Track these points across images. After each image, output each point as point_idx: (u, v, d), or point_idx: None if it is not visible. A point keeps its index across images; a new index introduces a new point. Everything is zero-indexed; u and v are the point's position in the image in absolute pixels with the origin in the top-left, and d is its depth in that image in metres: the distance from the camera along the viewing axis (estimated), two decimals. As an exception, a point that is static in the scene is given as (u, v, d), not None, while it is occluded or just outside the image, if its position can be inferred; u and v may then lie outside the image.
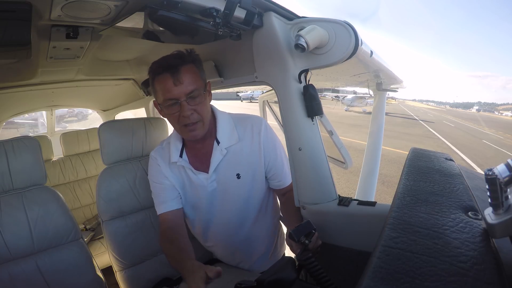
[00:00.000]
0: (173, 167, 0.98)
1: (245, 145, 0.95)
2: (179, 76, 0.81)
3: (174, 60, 0.83)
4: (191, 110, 0.83)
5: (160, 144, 1.04)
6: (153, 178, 1.01)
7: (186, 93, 0.82)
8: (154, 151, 1.03)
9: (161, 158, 1.00)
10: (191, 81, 0.83)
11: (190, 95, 0.83)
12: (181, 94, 0.82)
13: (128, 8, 0.69)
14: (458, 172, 0.52)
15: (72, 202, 2.13)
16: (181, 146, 0.97)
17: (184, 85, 0.82)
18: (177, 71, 0.81)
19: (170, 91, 0.82)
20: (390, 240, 0.33)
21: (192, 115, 0.84)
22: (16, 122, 7.78)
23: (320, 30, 0.70)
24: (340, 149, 1.02)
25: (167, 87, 0.82)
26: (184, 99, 0.82)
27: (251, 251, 1.06)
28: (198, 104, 0.85)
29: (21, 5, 0.65)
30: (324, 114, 0.96)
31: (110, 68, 1.58)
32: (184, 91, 0.82)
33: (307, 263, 0.60)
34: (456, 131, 15.98)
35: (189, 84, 0.82)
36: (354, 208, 0.80)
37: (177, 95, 0.82)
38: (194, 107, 0.84)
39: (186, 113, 0.83)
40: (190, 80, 0.83)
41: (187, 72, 0.83)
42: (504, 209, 0.30)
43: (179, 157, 0.95)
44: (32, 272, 0.92)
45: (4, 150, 0.93)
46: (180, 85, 0.81)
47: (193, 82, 0.83)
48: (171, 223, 0.97)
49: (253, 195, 0.99)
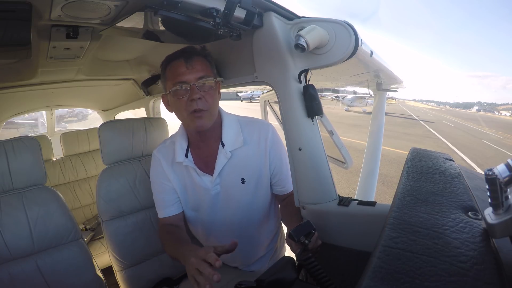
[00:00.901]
0: (177, 167, 0.97)
1: (250, 150, 0.94)
2: (192, 62, 0.85)
3: (189, 48, 0.87)
4: (200, 95, 0.84)
5: (163, 143, 1.03)
6: (155, 178, 1.01)
7: (197, 78, 0.84)
8: (157, 150, 1.02)
9: (164, 158, 0.99)
10: (202, 68, 0.86)
11: (201, 80, 0.85)
12: (192, 78, 0.84)
13: (128, 8, 0.69)
14: (458, 172, 0.52)
15: (72, 202, 2.13)
16: (187, 146, 0.96)
17: (195, 70, 0.85)
18: (190, 57, 0.85)
19: (182, 75, 0.84)
20: (390, 240, 0.33)
21: (200, 100, 0.84)
22: (16, 122, 7.78)
23: (320, 30, 0.70)
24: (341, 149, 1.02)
25: (180, 71, 0.84)
26: (194, 82, 0.84)
27: (252, 253, 1.06)
28: (207, 92, 0.86)
29: (21, 5, 0.65)
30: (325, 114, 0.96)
31: (110, 68, 1.58)
32: (195, 76, 0.84)
33: (307, 263, 0.60)
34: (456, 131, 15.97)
35: (200, 70, 0.85)
36: (354, 208, 0.80)
37: (188, 78, 0.84)
38: (203, 93, 0.85)
39: (195, 96, 0.83)
40: (202, 67, 0.86)
41: (199, 60, 0.86)
42: (504, 209, 0.30)
43: (184, 157, 0.94)
44: (32, 272, 0.92)
45: (4, 150, 0.93)
46: (192, 69, 0.84)
47: (204, 70, 0.86)
48: (171, 221, 0.98)
49: (256, 201, 0.98)
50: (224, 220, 0.99)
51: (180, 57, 0.85)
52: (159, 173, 0.99)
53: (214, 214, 0.99)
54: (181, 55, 0.85)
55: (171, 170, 0.98)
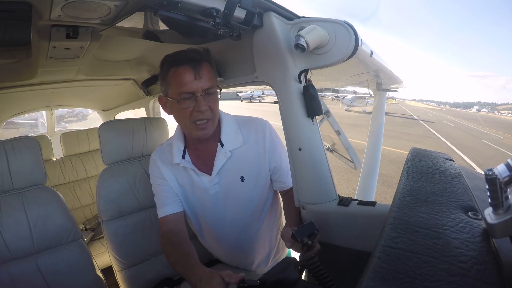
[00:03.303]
0: (175, 169, 0.97)
1: (249, 148, 0.95)
2: (200, 70, 0.81)
3: (196, 54, 0.83)
4: (206, 106, 0.83)
5: (160, 146, 1.03)
6: (153, 179, 1.01)
7: (204, 89, 0.82)
8: (154, 153, 1.02)
9: (160, 160, 0.99)
10: (209, 77, 0.84)
11: (208, 91, 0.83)
12: (199, 89, 0.82)
13: (128, 8, 0.69)
14: (458, 172, 0.52)
15: (72, 202, 2.13)
16: (183, 148, 0.96)
17: (203, 80, 0.82)
18: (199, 65, 0.81)
19: (189, 84, 0.81)
20: (390, 240, 0.33)
21: (207, 111, 0.84)
22: (16, 122, 7.77)
23: (320, 30, 0.70)
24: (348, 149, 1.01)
25: (187, 80, 0.81)
26: (201, 94, 0.82)
27: (253, 252, 1.06)
28: (213, 101, 0.85)
29: (21, 5, 0.65)
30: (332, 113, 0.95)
31: (110, 68, 1.58)
32: (203, 86, 0.82)
33: (310, 263, 0.60)
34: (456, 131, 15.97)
35: (207, 80, 0.83)
36: (354, 208, 0.80)
37: (196, 89, 0.81)
38: (209, 104, 0.84)
39: (202, 108, 0.82)
40: (209, 77, 0.83)
41: (206, 68, 0.83)
42: (504, 209, 0.30)
43: (181, 158, 0.94)
44: (32, 272, 0.92)
45: (4, 150, 0.93)
46: (200, 80, 0.81)
47: (211, 79, 0.84)
48: (172, 225, 0.96)
49: (256, 198, 0.99)
50: (225, 219, 1.00)
51: (187, 63, 0.81)
52: (157, 174, 0.99)
53: (214, 214, 0.99)
54: (189, 62, 0.81)
55: (170, 172, 0.97)
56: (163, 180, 0.98)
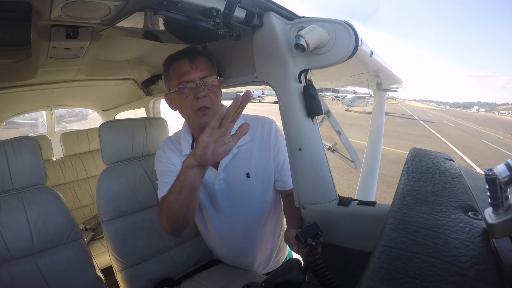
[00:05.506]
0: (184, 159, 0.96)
1: (255, 145, 0.96)
2: (196, 61, 0.88)
3: (192, 48, 0.90)
4: (205, 93, 0.87)
5: (168, 138, 1.05)
6: (159, 164, 0.98)
7: (201, 77, 0.87)
8: (162, 144, 1.03)
9: (169, 148, 0.99)
10: (206, 67, 0.89)
11: (205, 79, 0.88)
12: (196, 77, 0.87)
13: (128, 8, 0.69)
14: (458, 172, 0.52)
15: (72, 202, 2.13)
16: (192, 140, 0.98)
17: (199, 69, 0.87)
18: (194, 56, 0.88)
19: (186, 74, 0.87)
20: (390, 240, 0.33)
21: (205, 98, 0.87)
22: (16, 122, 7.77)
23: (320, 30, 0.70)
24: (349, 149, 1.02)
25: (184, 71, 0.87)
26: (199, 81, 0.87)
27: (256, 252, 1.06)
28: (211, 90, 0.88)
29: (21, 5, 0.65)
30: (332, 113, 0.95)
31: (110, 68, 1.58)
32: (199, 75, 0.87)
33: (314, 264, 0.59)
34: (456, 131, 15.98)
35: (204, 69, 0.88)
36: (354, 208, 0.80)
37: (193, 77, 0.87)
38: (207, 91, 0.87)
39: (200, 94, 0.86)
40: (205, 67, 0.89)
41: (203, 60, 0.89)
42: (504, 209, 0.30)
43: (190, 149, 0.95)
44: (32, 272, 0.92)
45: (4, 150, 0.93)
46: (196, 69, 0.87)
47: (207, 69, 0.89)
48: None
49: (261, 195, 0.99)
50: (229, 216, 1.00)
51: (183, 56, 0.88)
52: (165, 159, 0.97)
53: (218, 210, 1.00)
54: (185, 55, 0.88)
55: (178, 160, 0.96)
56: (170, 163, 0.96)
